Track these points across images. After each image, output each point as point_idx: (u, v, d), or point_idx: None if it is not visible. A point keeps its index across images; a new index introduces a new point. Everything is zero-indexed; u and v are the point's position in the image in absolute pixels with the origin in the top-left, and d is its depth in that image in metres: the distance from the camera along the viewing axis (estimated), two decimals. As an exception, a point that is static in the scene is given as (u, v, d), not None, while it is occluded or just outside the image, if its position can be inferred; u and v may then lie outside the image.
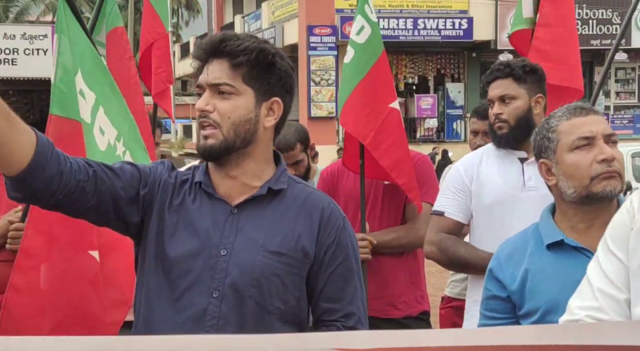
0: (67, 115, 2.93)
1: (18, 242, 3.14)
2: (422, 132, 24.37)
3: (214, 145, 1.93)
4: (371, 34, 3.58)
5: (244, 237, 1.94)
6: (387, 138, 3.49)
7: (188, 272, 1.93)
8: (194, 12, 47.79)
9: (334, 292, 1.98)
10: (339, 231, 1.99)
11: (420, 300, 3.63)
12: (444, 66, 24.96)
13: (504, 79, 3.00)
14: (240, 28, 28.50)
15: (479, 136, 4.09)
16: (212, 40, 1.97)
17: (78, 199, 1.88)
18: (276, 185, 1.99)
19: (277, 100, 1.99)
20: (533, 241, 2.22)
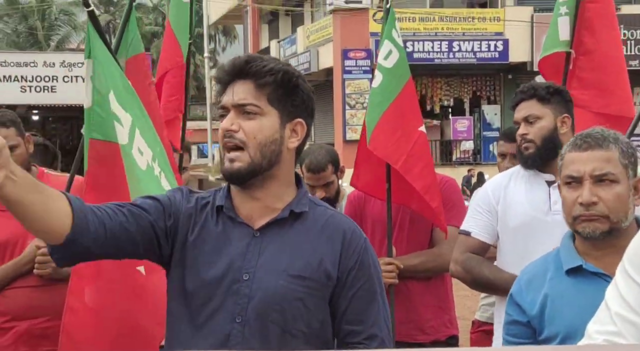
0: (105, 138, 2.97)
1: (45, 267, 3.19)
2: (458, 154, 24.25)
3: (240, 168, 1.92)
4: (399, 58, 3.59)
5: (266, 261, 1.94)
6: (419, 161, 3.49)
7: (211, 298, 1.93)
8: (230, 37, 48.32)
9: (357, 314, 1.97)
10: (360, 253, 1.98)
11: (449, 324, 3.60)
12: (480, 88, 24.85)
13: (528, 100, 3.02)
14: (276, 53, 28.72)
15: (507, 158, 4.06)
16: (237, 61, 1.97)
17: (126, 240, 1.91)
18: (298, 208, 1.99)
19: (301, 121, 2.00)
20: (553, 266, 2.21)
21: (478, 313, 4.33)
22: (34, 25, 43.27)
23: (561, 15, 3.96)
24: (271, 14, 30.92)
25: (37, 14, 43.24)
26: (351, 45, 22.52)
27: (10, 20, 44.91)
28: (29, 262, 3.21)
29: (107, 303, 2.93)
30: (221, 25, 42.57)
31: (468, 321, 4.69)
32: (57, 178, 3.43)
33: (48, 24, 43.80)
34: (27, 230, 1.81)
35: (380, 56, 3.62)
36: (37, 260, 3.19)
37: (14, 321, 3.23)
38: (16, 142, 3.26)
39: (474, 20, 23.71)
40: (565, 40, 3.94)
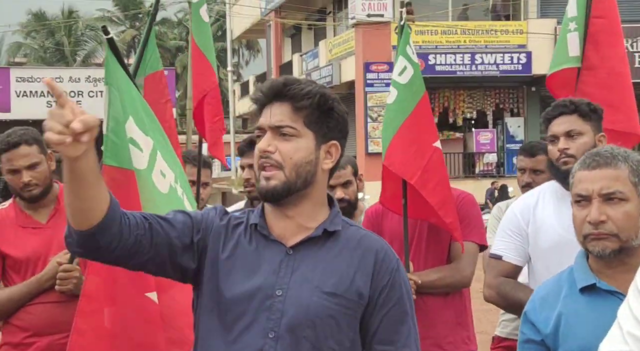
0: (120, 165, 3.00)
1: (66, 283, 3.22)
2: (482, 167, 24.14)
3: (276, 186, 1.96)
4: (413, 74, 3.61)
5: (299, 277, 1.97)
6: (434, 177, 3.50)
7: (244, 313, 1.96)
8: (254, 51, 48.59)
9: (387, 334, 1.99)
10: (393, 273, 2.00)
11: (467, 340, 3.58)
12: (503, 101, 24.75)
13: (569, 115, 2.97)
14: (299, 66, 28.83)
15: (526, 173, 4.05)
16: (274, 84, 2.01)
17: (136, 253, 1.94)
18: (331, 227, 2.02)
19: (335, 143, 2.03)
20: (567, 284, 2.20)
21: (498, 329, 4.30)
22: (60, 40, 43.81)
23: (570, 31, 3.96)
24: (294, 27, 31.05)
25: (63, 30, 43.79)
26: (373, 58, 22.54)
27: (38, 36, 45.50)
28: (50, 278, 3.24)
29: (118, 328, 2.95)
30: (244, 39, 42.80)
31: (490, 336, 4.67)
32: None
33: (74, 40, 44.33)
34: (68, 207, 1.86)
35: (395, 72, 3.64)
36: (58, 277, 3.22)
37: (35, 336, 3.27)
38: (39, 159, 3.32)
39: (496, 33, 23.64)
40: (575, 56, 3.93)
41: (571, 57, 3.97)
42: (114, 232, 1.88)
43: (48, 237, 3.33)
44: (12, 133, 3.32)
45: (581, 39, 3.94)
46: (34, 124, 15.82)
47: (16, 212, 3.37)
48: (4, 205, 3.44)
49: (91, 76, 17.56)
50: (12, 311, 3.29)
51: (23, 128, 3.39)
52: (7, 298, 3.27)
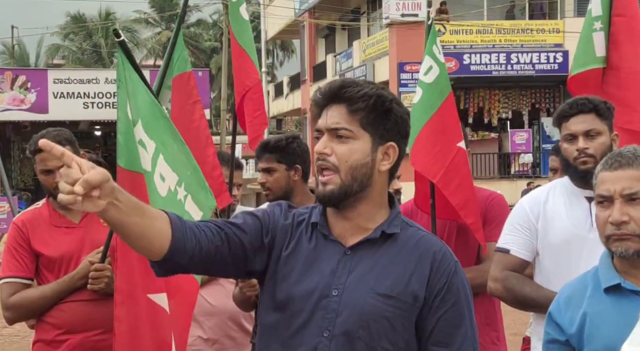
0: (130, 168, 3.07)
1: (98, 282, 3.27)
2: (517, 167, 23.94)
3: (333, 190, 1.99)
4: (439, 74, 3.60)
5: (355, 278, 1.98)
6: (456, 177, 3.49)
7: (301, 311, 1.99)
8: (288, 52, 48.74)
9: (443, 336, 1.99)
10: (450, 275, 2.00)
11: (496, 341, 3.56)
12: (539, 100, 24.53)
13: (587, 113, 2.93)
14: (332, 67, 28.84)
15: (558, 173, 4.02)
16: (332, 86, 2.03)
17: (218, 262, 2.00)
18: (389, 229, 2.03)
19: (393, 145, 2.04)
20: (592, 284, 2.19)
21: (529, 330, 4.28)
22: (98, 42, 44.39)
23: (595, 30, 3.90)
24: (328, 28, 31.07)
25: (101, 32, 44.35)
26: (407, 58, 22.48)
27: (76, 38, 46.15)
28: (82, 277, 3.29)
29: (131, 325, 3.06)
30: (278, 40, 42.96)
31: (521, 336, 4.63)
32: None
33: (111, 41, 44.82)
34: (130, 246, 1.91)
35: (420, 72, 3.65)
36: (90, 276, 3.27)
37: (68, 334, 3.32)
38: (71, 160, 3.36)
39: (532, 32, 23.45)
40: (601, 56, 3.88)
41: (598, 58, 3.92)
42: (188, 249, 1.93)
43: (80, 236, 3.38)
44: (45, 133, 3.37)
45: (606, 38, 3.88)
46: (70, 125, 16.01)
47: (50, 211, 3.43)
48: (38, 205, 3.50)
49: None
50: (46, 309, 3.35)
51: (56, 129, 3.45)
52: (40, 296, 3.33)
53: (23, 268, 3.35)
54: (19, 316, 3.43)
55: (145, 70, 3.23)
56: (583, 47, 3.97)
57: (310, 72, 31.38)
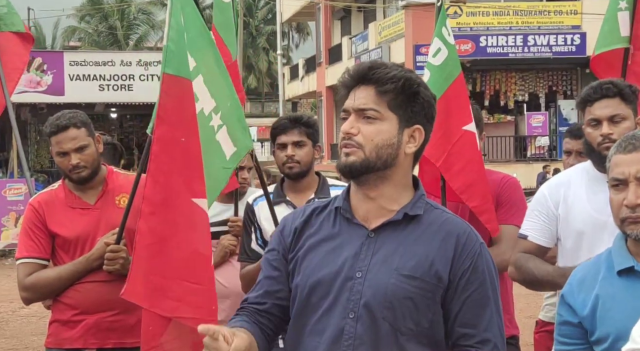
0: (178, 73, 3.06)
1: (114, 263, 3.30)
2: (533, 150, 23.81)
3: (355, 161, 2.00)
4: (448, 56, 3.58)
5: (378, 260, 2.01)
6: (459, 160, 3.48)
7: (327, 294, 2.03)
8: (303, 34, 48.57)
9: (470, 318, 2.00)
10: (475, 257, 2.01)
11: (508, 324, 3.54)
12: (556, 83, 24.35)
13: (612, 98, 2.89)
14: (348, 49, 28.73)
15: (572, 156, 4.01)
16: (361, 67, 2.04)
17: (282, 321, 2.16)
18: (412, 211, 2.04)
19: (419, 128, 2.05)
20: (605, 267, 2.18)
21: (542, 313, 4.29)
22: (113, 24, 44.41)
23: (620, 10, 3.87)
24: (343, 10, 30.93)
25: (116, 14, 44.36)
26: (423, 40, 22.34)
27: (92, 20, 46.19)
28: (98, 258, 3.32)
29: (168, 233, 3.06)
30: (294, 22, 42.81)
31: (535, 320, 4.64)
32: (126, 177, 3.54)
33: (127, 24, 44.89)
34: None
35: (429, 53, 3.64)
36: (106, 257, 3.30)
37: (83, 314, 3.35)
38: (87, 142, 3.38)
39: (549, 14, 23.23)
40: (626, 36, 3.84)
41: (623, 37, 3.89)
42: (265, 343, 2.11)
43: (96, 217, 3.41)
44: (61, 116, 3.39)
45: (631, 18, 3.85)
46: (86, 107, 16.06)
47: (65, 193, 3.45)
48: (54, 187, 3.53)
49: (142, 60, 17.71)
50: (62, 289, 3.38)
51: (72, 111, 3.46)
52: (56, 277, 3.36)
53: (39, 249, 3.38)
54: (36, 297, 3.46)
55: (161, 53, 3.23)
56: (608, 27, 3.94)
57: (326, 55, 31.27)
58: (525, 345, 3.81)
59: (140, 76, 17.45)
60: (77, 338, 3.36)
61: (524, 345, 3.74)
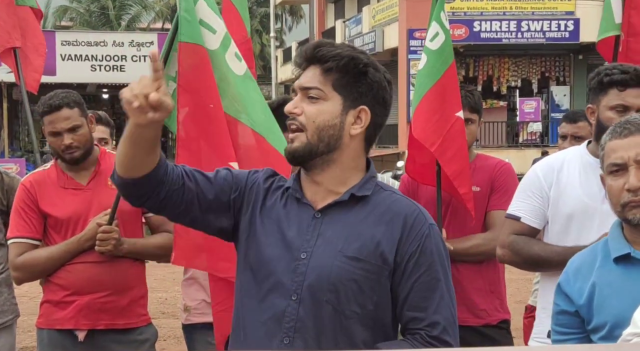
0: (194, 41, 3.08)
1: (106, 244, 3.29)
2: (525, 136, 23.84)
3: (297, 148, 1.99)
4: (444, 41, 3.58)
5: (323, 241, 1.99)
6: (452, 146, 3.48)
7: (272, 274, 2.00)
8: (297, 17, 48.35)
9: (418, 301, 1.98)
10: (423, 239, 1.98)
11: (500, 308, 3.58)
12: (549, 69, 24.35)
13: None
14: (341, 33, 28.64)
15: (568, 140, 4.01)
16: (308, 46, 2.04)
17: (167, 205, 2.04)
18: (360, 192, 2.02)
19: (365, 109, 2.02)
20: (602, 254, 2.17)
21: (531, 298, 4.30)
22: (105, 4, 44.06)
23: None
24: (337, -7, 30.80)
25: (108, -6, 43.97)
26: (417, 25, 22.28)
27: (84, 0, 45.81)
28: (89, 239, 3.30)
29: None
30: (287, 4, 42.61)
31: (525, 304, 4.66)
32: (118, 157, 3.52)
33: (119, 4, 44.53)
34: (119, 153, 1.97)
35: (427, 38, 3.62)
36: (98, 238, 3.28)
37: (75, 295, 3.34)
38: (80, 122, 3.36)
39: (543, 0, 23.19)
40: (619, 23, 3.84)
41: (617, 24, 3.88)
42: (149, 188, 1.99)
43: (88, 198, 3.39)
44: (53, 95, 3.36)
45: (623, 4, 3.84)
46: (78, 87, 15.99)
47: (57, 173, 3.43)
48: (46, 167, 3.50)
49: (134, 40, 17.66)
50: (53, 270, 3.36)
51: (65, 91, 3.43)
52: (47, 257, 3.34)
53: (31, 229, 3.36)
54: (27, 277, 3.44)
55: (153, 34, 3.21)
56: (605, 14, 3.94)
57: (319, 38, 31.14)
58: (515, 329, 3.81)
59: (132, 57, 17.40)
60: (69, 318, 3.35)
61: (513, 329, 3.75)
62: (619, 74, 2.82)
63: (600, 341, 2.08)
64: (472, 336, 3.44)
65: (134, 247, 3.39)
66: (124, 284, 3.40)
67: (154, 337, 3.56)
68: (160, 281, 8.69)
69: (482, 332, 3.50)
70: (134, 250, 3.39)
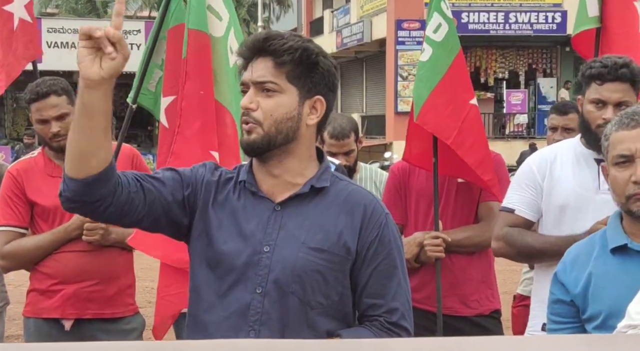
0: (199, 28, 3.07)
1: (93, 234, 3.27)
2: (512, 127, 23.92)
3: (255, 139, 1.97)
4: (448, 31, 3.53)
5: (286, 234, 1.98)
6: (470, 135, 3.46)
7: (233, 268, 1.98)
8: (284, 6, 48.20)
9: (377, 288, 2.00)
10: (381, 227, 2.00)
11: (492, 298, 3.59)
12: (536, 61, 24.42)
13: (624, 83, 2.81)
14: (329, 22, 28.59)
15: (558, 132, 4.00)
16: (256, 38, 2.01)
17: (129, 211, 1.96)
18: (319, 183, 2.02)
19: (320, 98, 2.02)
20: (599, 245, 2.17)
21: (520, 287, 4.32)
22: (91, -8, 43.70)
23: None
24: (325, -17, 30.72)
25: (94, -19, 43.66)
26: (405, 15, 22.31)
27: (69, -14, 45.44)
28: (77, 228, 3.28)
29: None
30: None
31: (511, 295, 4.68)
32: (106, 145, 3.49)
33: (106, -9, 44.17)
34: (70, 146, 1.87)
35: (429, 29, 3.56)
36: (85, 227, 3.26)
37: (62, 284, 3.31)
38: (68, 110, 3.32)
39: (531, -9, 23.25)
40: (594, 16, 3.83)
41: (590, 18, 3.87)
42: (109, 187, 1.90)
43: (76, 186, 3.35)
44: (41, 83, 3.33)
45: None
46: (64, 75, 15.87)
47: (45, 161, 3.40)
48: (33, 154, 3.47)
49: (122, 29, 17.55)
50: (40, 258, 3.33)
51: (52, 78, 3.40)
52: (34, 246, 3.32)
53: (17, 217, 3.33)
54: (13, 265, 3.41)
55: (140, 21, 3.20)
56: (580, 7, 3.93)
57: (307, 28, 31.09)
58: (502, 320, 3.83)
59: (119, 45, 17.28)
60: (55, 307, 3.32)
61: (502, 319, 3.76)
62: (598, 68, 2.83)
63: (594, 330, 2.09)
64: (465, 326, 3.47)
65: (122, 236, 3.36)
66: (111, 273, 3.38)
67: (142, 326, 3.55)
68: (146, 271, 8.64)
69: (474, 322, 3.51)
70: (121, 239, 3.36)
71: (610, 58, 2.87)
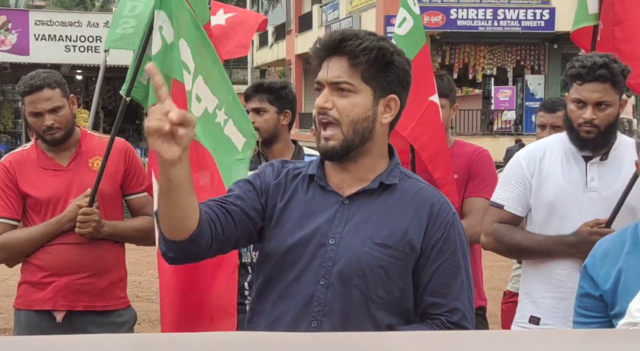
0: (178, 78, 3.07)
1: (86, 226, 3.27)
2: (500, 124, 23.98)
3: (335, 146, 1.99)
4: (413, 26, 3.57)
5: (352, 227, 2.00)
6: (427, 130, 3.49)
7: (298, 260, 2.01)
8: (273, 1, 48.09)
9: (440, 287, 2.01)
10: (447, 226, 2.01)
11: (477, 296, 3.56)
12: (524, 58, 24.48)
13: (604, 83, 2.82)
14: (318, 17, 28.54)
15: (547, 129, 4.03)
16: (332, 38, 2.00)
17: (227, 240, 2.01)
18: (388, 180, 2.04)
19: (394, 97, 2.03)
20: (630, 241, 2.12)
21: (510, 284, 4.34)
22: (79, -16, 43.43)
23: None
24: (314, -22, 30.65)
25: (82, -27, 43.38)
26: (394, 11, 22.01)
27: (57, -21, 45.15)
28: (70, 220, 3.29)
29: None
30: (264, -12, 42.34)
31: (502, 292, 4.72)
32: (100, 139, 3.50)
33: (93, -16, 43.90)
34: (164, 218, 1.87)
35: (395, 24, 3.63)
36: (78, 219, 3.27)
37: (54, 276, 3.32)
38: (61, 103, 3.33)
39: (520, -12, 23.29)
40: (594, 13, 3.86)
41: (590, 15, 3.90)
42: (208, 233, 1.93)
43: (68, 179, 3.36)
44: (35, 75, 3.32)
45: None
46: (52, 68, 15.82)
47: (38, 153, 3.40)
48: (26, 147, 3.47)
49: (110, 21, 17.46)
50: (32, 250, 3.34)
51: (46, 71, 3.39)
52: (26, 238, 3.32)
53: (10, 209, 3.34)
54: (5, 257, 3.42)
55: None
56: (580, 4, 3.95)
57: (296, 22, 31.04)
58: (490, 316, 3.87)
59: (107, 38, 17.21)
60: (47, 299, 3.33)
61: (488, 316, 3.80)
62: (578, 68, 2.86)
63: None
64: None
65: (114, 229, 3.38)
66: (103, 266, 3.39)
67: (133, 320, 3.56)
68: (134, 265, 8.64)
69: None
70: (114, 232, 3.38)
71: (591, 58, 2.88)
